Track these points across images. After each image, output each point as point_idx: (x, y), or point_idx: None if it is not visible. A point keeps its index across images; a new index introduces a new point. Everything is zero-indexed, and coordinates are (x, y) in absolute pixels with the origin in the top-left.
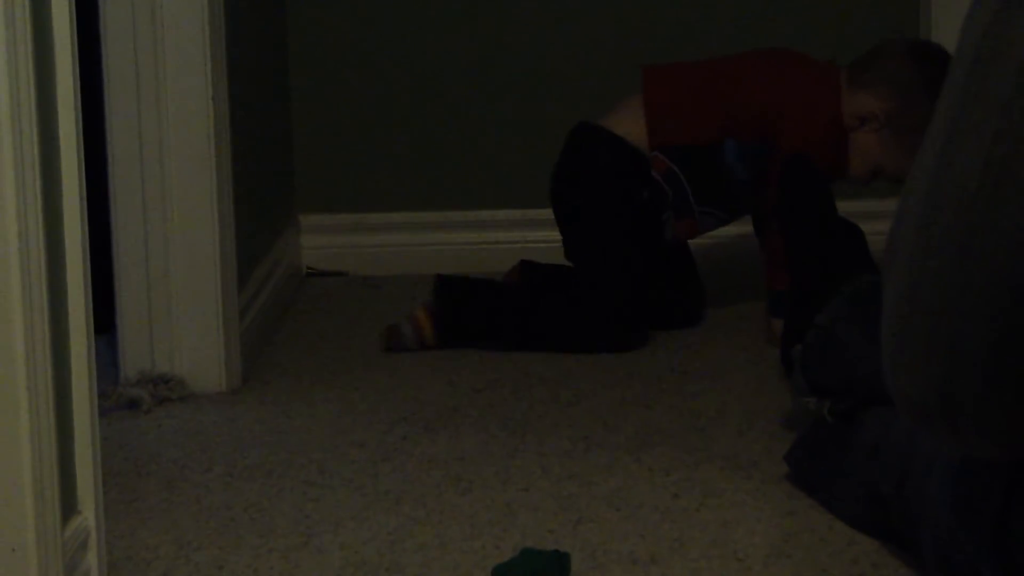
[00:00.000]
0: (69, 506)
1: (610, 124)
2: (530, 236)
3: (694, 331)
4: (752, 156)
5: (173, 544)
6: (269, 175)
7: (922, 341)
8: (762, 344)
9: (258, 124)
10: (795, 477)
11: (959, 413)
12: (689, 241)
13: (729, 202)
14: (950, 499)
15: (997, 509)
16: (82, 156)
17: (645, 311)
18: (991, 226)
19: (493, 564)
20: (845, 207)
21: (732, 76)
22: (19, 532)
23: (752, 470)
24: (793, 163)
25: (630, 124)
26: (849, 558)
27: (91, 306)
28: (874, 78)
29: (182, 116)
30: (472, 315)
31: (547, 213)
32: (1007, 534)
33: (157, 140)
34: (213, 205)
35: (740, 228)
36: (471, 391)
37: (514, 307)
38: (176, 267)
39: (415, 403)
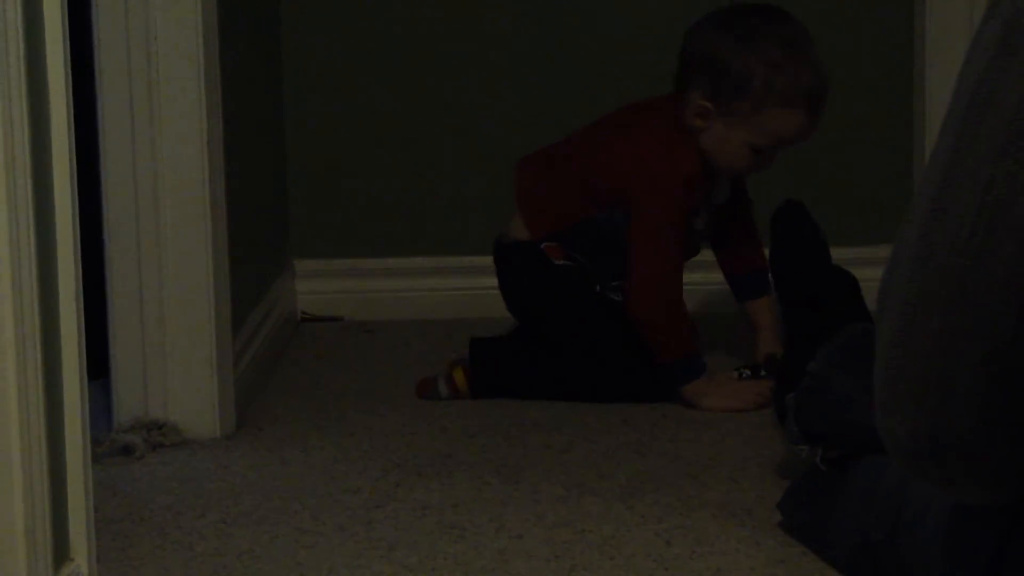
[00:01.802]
0: (62, 553)
1: (514, 232)
2: None
3: None
4: (620, 222)
5: None
6: (264, 220)
7: (914, 384)
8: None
9: (253, 169)
10: (788, 525)
11: (950, 455)
12: None
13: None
14: (942, 547)
15: (990, 558)
16: (76, 201)
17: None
18: (983, 271)
19: None
20: (838, 254)
21: (586, 152)
22: None
23: (745, 517)
24: (785, 213)
25: (523, 227)
26: None
27: (84, 351)
28: (685, 74)
29: (177, 161)
30: (508, 374)
31: None
32: None
33: (152, 184)
34: (208, 250)
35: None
36: (464, 437)
37: (548, 364)
38: (170, 313)
39: (409, 449)
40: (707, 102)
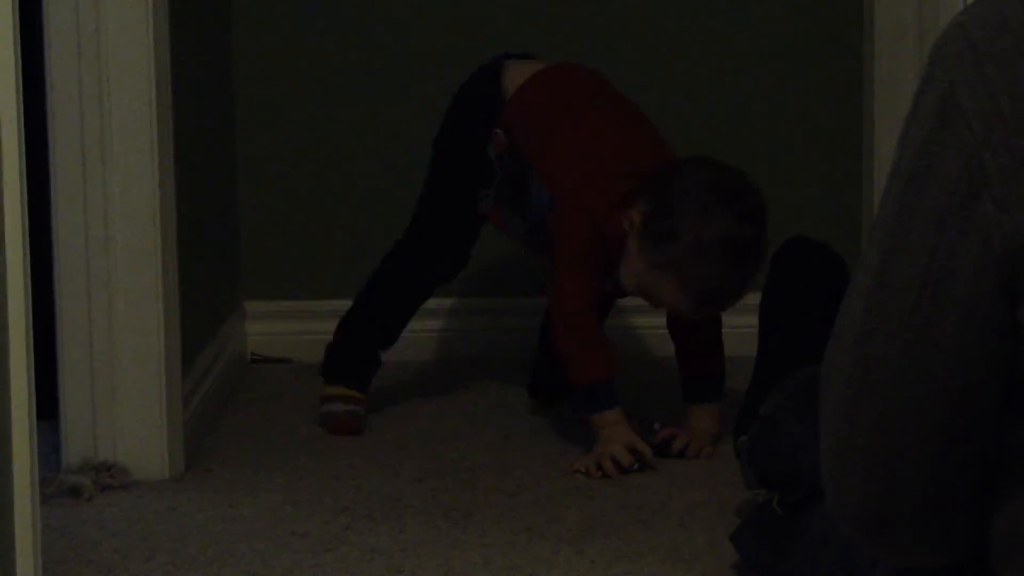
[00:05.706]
0: None
1: (509, 75)
2: (479, 324)
3: None
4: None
5: None
6: (215, 261)
7: (861, 457)
8: None
9: (204, 211)
10: (748, 563)
11: (899, 525)
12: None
13: (526, 228)
14: None
15: None
16: (27, 242)
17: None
18: (928, 342)
19: None
20: None
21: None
22: None
23: (694, 563)
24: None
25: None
26: None
27: (34, 391)
28: (649, 188)
29: (128, 202)
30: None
31: (503, 301)
32: None
33: (103, 226)
34: (158, 291)
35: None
36: (414, 480)
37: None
38: (120, 353)
39: (358, 492)
40: (637, 216)
